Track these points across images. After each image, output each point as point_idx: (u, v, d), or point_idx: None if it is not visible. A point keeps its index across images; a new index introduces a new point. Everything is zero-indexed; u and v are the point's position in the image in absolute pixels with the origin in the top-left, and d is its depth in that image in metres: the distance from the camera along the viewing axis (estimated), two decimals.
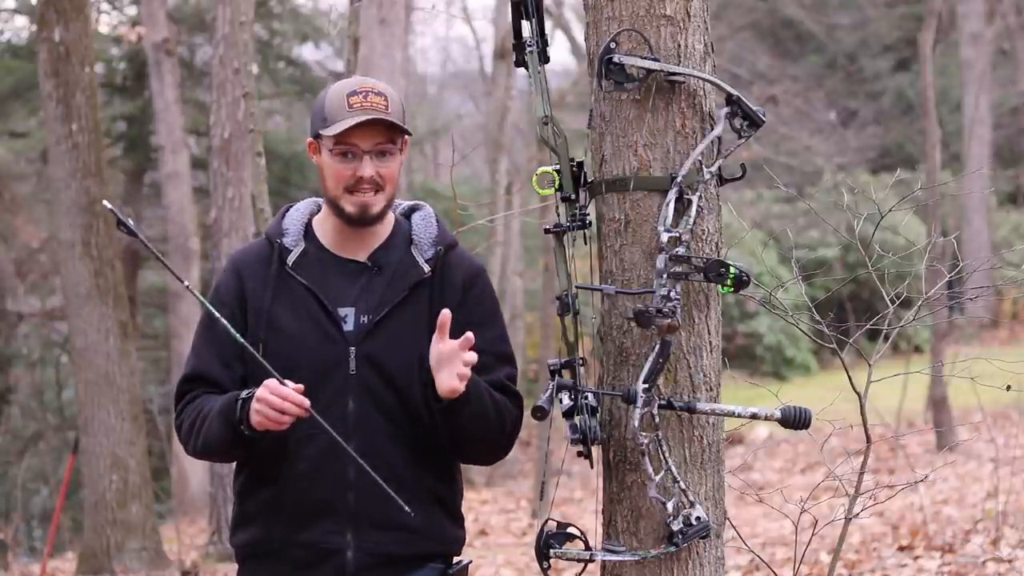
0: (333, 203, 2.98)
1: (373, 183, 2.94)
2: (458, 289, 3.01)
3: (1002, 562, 6.71)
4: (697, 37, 2.95)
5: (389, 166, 2.96)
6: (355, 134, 2.92)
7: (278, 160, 16.79)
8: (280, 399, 2.78)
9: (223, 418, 2.89)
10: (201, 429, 2.94)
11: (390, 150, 2.96)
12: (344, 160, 2.94)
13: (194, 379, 3.00)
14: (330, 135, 2.93)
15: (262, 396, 2.80)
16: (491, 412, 2.93)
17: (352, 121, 2.91)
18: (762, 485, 10.94)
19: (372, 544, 2.92)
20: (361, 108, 2.92)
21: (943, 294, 4.56)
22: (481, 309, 3.02)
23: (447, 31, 41.52)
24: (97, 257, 9.34)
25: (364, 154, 2.93)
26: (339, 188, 2.95)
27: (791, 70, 26.65)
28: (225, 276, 3.06)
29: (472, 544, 10.46)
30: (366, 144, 2.93)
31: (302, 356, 2.89)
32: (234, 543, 3.06)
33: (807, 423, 2.89)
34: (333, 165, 2.95)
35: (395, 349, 2.92)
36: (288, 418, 2.80)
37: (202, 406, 2.95)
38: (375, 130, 2.94)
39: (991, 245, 21.23)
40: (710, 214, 2.96)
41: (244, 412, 2.85)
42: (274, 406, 2.78)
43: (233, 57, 8.70)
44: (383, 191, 2.96)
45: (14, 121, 18.40)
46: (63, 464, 14.04)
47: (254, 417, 2.82)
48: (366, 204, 2.95)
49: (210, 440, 2.92)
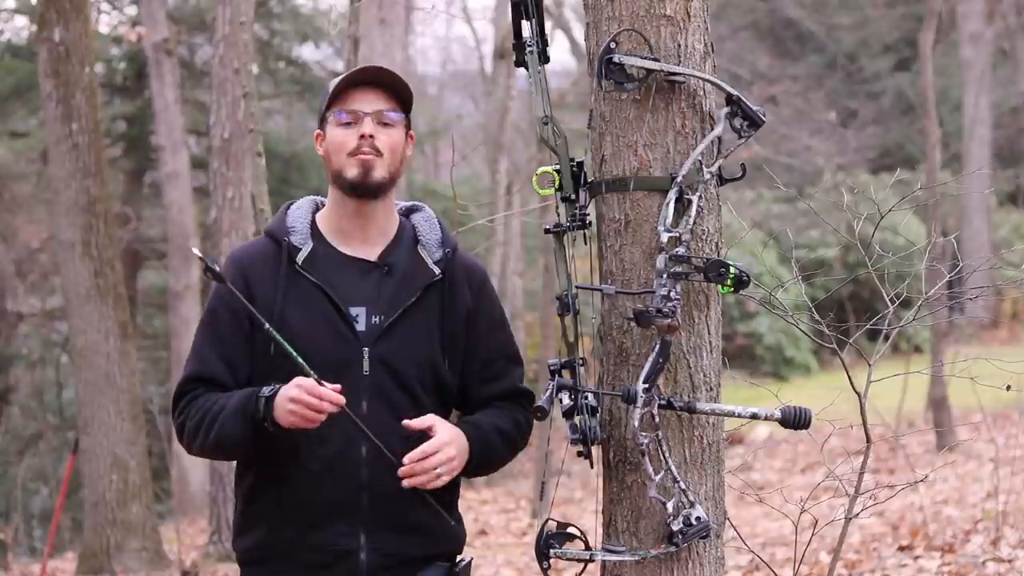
0: (337, 175, 2.98)
1: (373, 147, 2.95)
2: (467, 295, 3.03)
3: (1002, 562, 6.70)
4: (697, 37, 2.95)
5: (390, 135, 2.98)
6: (356, 98, 2.97)
7: (278, 160, 16.81)
8: (318, 399, 2.78)
9: (241, 415, 2.87)
10: (213, 426, 2.91)
11: (391, 120, 2.99)
12: (348, 128, 2.97)
13: (197, 379, 2.98)
14: (333, 102, 2.98)
15: (298, 397, 2.79)
16: (500, 449, 3.04)
17: (353, 77, 2.97)
18: (762, 485, 10.94)
19: (386, 545, 2.92)
20: (362, 75, 3.00)
21: (943, 294, 4.55)
22: (491, 314, 3.08)
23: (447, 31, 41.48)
24: (97, 257, 9.34)
25: (364, 116, 2.96)
26: (341, 155, 2.96)
27: (791, 70, 26.65)
28: (228, 276, 3.02)
29: (472, 544, 10.46)
30: (367, 107, 2.97)
31: (315, 355, 2.86)
32: (238, 547, 3.02)
33: (807, 423, 2.89)
34: (337, 134, 2.98)
35: (407, 351, 2.93)
36: (323, 417, 2.80)
37: (210, 404, 2.93)
38: (376, 95, 2.98)
39: (991, 245, 21.22)
40: (710, 214, 2.96)
41: (268, 409, 2.83)
42: (311, 406, 2.78)
43: (233, 57, 8.70)
44: (382, 157, 2.96)
45: (14, 121, 18.40)
46: (63, 464, 14.04)
47: (286, 417, 2.81)
48: (368, 164, 2.94)
49: (223, 437, 2.90)
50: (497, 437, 3.00)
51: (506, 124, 16.23)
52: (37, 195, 17.07)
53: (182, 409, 2.98)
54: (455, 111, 29.81)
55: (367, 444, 2.88)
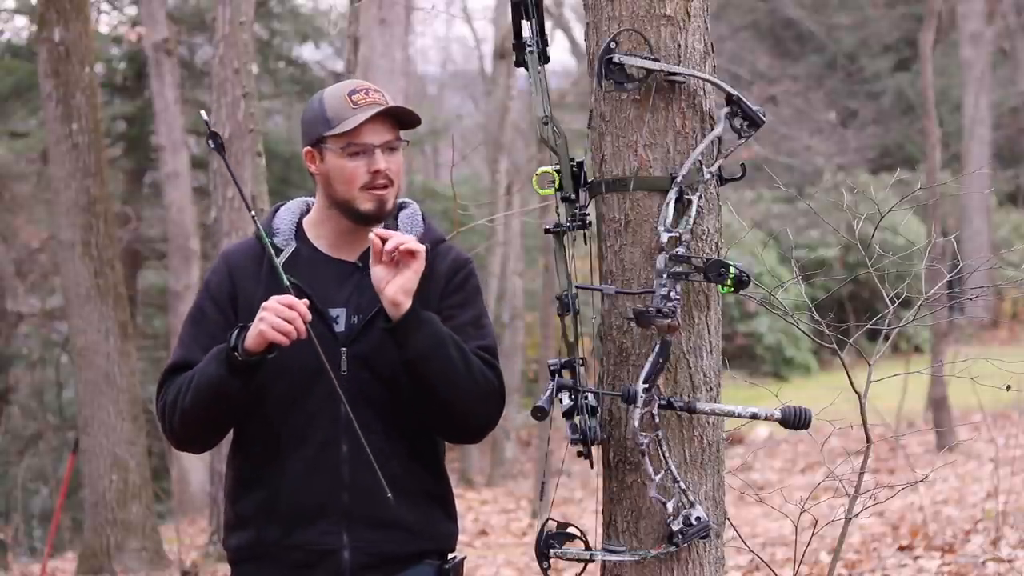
0: (345, 205, 2.96)
1: (386, 177, 2.95)
2: (441, 279, 3.01)
3: (1002, 562, 6.71)
4: (697, 37, 2.95)
5: (397, 161, 2.98)
6: (366, 131, 2.93)
7: (278, 160, 16.79)
8: (288, 307, 2.78)
9: (214, 357, 2.87)
10: (190, 385, 2.91)
11: (397, 145, 2.98)
12: (356, 159, 2.94)
13: (180, 368, 2.98)
14: (340, 133, 2.93)
15: (270, 305, 2.80)
16: (457, 359, 2.89)
17: (366, 114, 2.91)
18: (762, 485, 10.94)
19: (368, 543, 2.92)
20: (367, 104, 2.94)
21: (943, 294, 4.55)
22: (461, 294, 3.02)
23: (447, 31, 41.50)
24: (97, 257, 9.34)
25: (375, 149, 2.94)
26: (353, 188, 2.95)
27: (791, 70, 26.65)
28: (217, 272, 3.05)
29: (472, 544, 10.46)
30: (377, 139, 2.94)
31: (294, 356, 2.87)
32: (227, 546, 3.03)
33: (807, 423, 2.89)
34: (346, 166, 2.94)
35: (386, 347, 2.91)
36: (291, 328, 2.78)
37: (187, 374, 2.94)
38: (384, 126, 2.96)
39: (991, 245, 21.22)
40: (710, 214, 2.96)
41: (240, 339, 2.83)
42: (281, 314, 2.77)
43: (233, 57, 8.70)
44: (393, 186, 2.97)
45: (14, 121, 18.39)
46: (63, 464, 14.04)
47: (256, 329, 2.80)
48: (383, 199, 2.95)
49: (200, 387, 2.88)
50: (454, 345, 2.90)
51: (506, 124, 16.23)
52: (37, 195, 17.06)
53: (163, 392, 2.99)
54: (455, 111, 29.82)
55: (348, 443, 2.88)
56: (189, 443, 3.06)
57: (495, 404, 2.99)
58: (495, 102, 17.21)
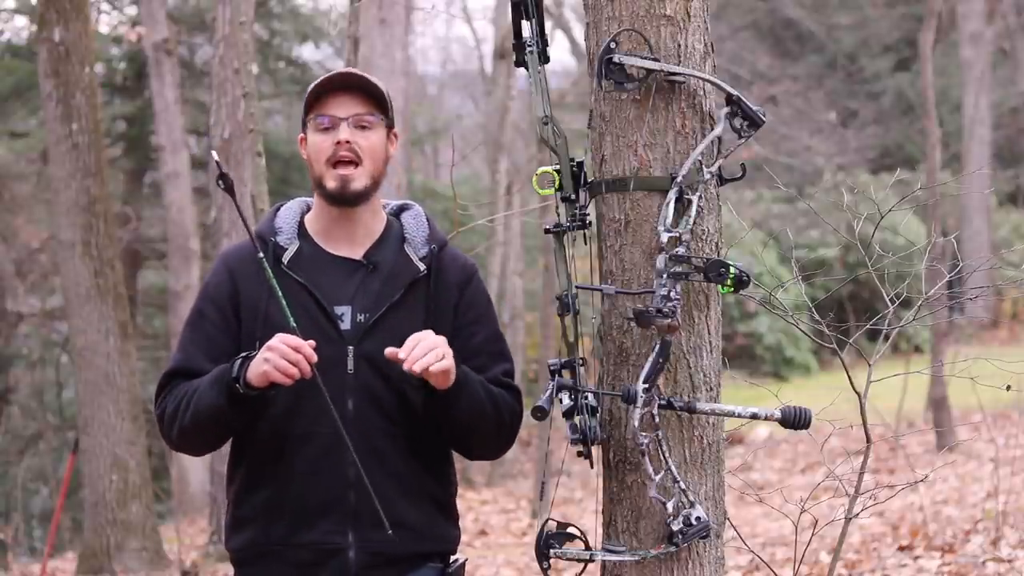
0: (319, 184, 2.98)
1: (351, 151, 2.94)
2: (453, 289, 3.02)
3: (1002, 562, 6.71)
4: (697, 37, 2.95)
5: (368, 138, 2.97)
6: (332, 103, 2.96)
7: (278, 160, 16.80)
8: (293, 349, 2.77)
9: (216, 383, 2.86)
10: (190, 403, 2.90)
11: (369, 122, 2.98)
12: (324, 133, 2.96)
13: (180, 373, 2.98)
14: (311, 108, 2.97)
15: (274, 345, 2.78)
16: (486, 402, 2.94)
17: (328, 83, 2.96)
18: (762, 485, 10.94)
19: (373, 543, 2.92)
20: (340, 80, 2.99)
21: (943, 294, 4.55)
22: (476, 310, 3.04)
23: (447, 31, 41.49)
24: (97, 257, 9.35)
25: (341, 121, 2.96)
26: (321, 163, 2.96)
27: (791, 70, 26.65)
28: (217, 274, 3.04)
29: (472, 544, 10.45)
30: (342, 112, 2.96)
31: None
32: (230, 547, 3.02)
33: (807, 423, 2.89)
34: (315, 140, 2.98)
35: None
36: (295, 371, 2.77)
37: (188, 387, 2.93)
38: (353, 100, 2.97)
39: (991, 245, 21.22)
40: (710, 214, 2.96)
41: (243, 370, 2.82)
42: (286, 355, 2.76)
43: (233, 57, 8.69)
44: (363, 166, 2.96)
45: (14, 121, 18.40)
46: (63, 464, 14.04)
47: (259, 368, 2.78)
48: (346, 178, 2.94)
49: (200, 410, 2.88)
50: (483, 389, 2.94)
51: (506, 124, 16.23)
52: (37, 195, 17.07)
53: (163, 398, 2.99)
54: (455, 111, 29.84)
55: (352, 443, 2.87)
56: (188, 451, 3.10)
57: (514, 430, 3.05)
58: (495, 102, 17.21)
